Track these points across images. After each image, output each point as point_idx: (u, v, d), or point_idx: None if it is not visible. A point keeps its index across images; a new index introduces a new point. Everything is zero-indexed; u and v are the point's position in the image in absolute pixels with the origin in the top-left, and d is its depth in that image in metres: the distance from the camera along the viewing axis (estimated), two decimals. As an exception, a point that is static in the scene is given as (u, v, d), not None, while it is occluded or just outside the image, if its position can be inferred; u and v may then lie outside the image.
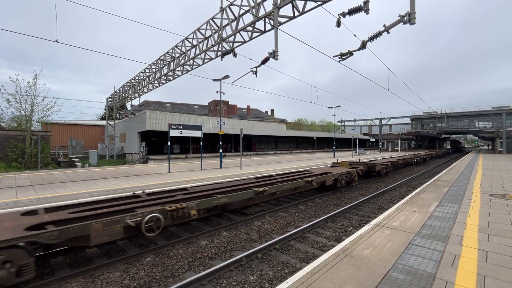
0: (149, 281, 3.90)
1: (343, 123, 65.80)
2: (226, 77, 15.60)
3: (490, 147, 55.59)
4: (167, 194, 6.37)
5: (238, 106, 54.77)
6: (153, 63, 19.03)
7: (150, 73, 20.28)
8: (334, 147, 34.30)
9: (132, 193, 6.49)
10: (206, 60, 14.67)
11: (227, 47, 12.27)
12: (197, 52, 14.40)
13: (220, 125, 17.97)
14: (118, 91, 28.01)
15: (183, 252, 4.89)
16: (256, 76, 11.53)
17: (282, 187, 7.75)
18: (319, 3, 8.98)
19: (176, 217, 5.16)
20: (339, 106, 31.54)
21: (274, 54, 10.03)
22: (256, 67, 11.27)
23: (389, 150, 53.99)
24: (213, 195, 6.29)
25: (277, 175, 10.02)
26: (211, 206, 6.02)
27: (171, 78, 18.71)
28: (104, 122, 35.11)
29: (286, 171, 12.16)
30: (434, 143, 71.26)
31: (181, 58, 16.11)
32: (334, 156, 30.67)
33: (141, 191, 6.70)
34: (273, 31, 10.35)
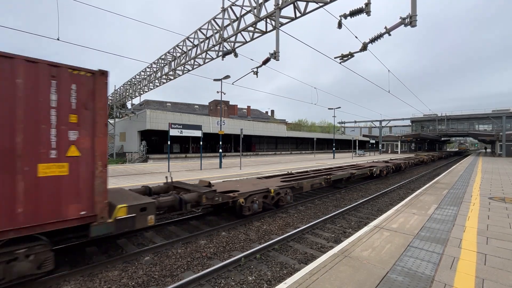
0: (147, 280, 3.90)
1: (343, 125, 65.81)
2: (227, 77, 15.60)
3: (487, 150, 55.53)
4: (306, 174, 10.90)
5: (238, 106, 54.82)
6: (154, 62, 19.04)
7: (151, 72, 20.29)
8: (334, 149, 34.31)
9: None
10: (207, 60, 14.68)
11: (228, 47, 12.28)
12: (198, 51, 14.40)
13: (220, 125, 17.97)
14: (118, 89, 28.02)
15: (181, 252, 4.88)
16: (257, 77, 11.54)
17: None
18: (321, 4, 8.99)
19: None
20: (339, 107, 31.50)
21: (275, 55, 10.03)
22: (257, 68, 11.27)
23: (389, 152, 53.96)
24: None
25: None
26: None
27: (172, 78, 18.71)
28: (104, 121, 35.05)
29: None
30: (434, 145, 71.26)
31: (182, 57, 16.12)
32: (333, 157, 30.67)
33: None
34: (274, 31, 10.36)
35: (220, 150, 17.92)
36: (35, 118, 3.23)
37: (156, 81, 20.09)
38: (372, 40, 9.02)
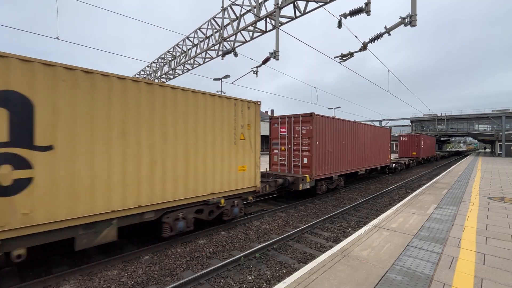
0: (146, 279, 3.90)
1: (343, 124, 65.58)
2: (227, 76, 15.60)
3: (486, 150, 55.48)
4: None
5: (238, 106, 54.66)
6: (154, 62, 19.07)
7: (150, 72, 20.30)
8: (333, 148, 34.27)
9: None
10: (207, 60, 14.67)
11: (228, 47, 12.27)
12: (198, 51, 14.40)
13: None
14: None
15: (181, 251, 4.89)
16: (257, 76, 11.54)
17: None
18: (321, 4, 8.97)
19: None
20: (339, 107, 31.54)
21: (275, 54, 10.02)
22: (257, 67, 11.27)
23: (389, 151, 53.89)
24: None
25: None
26: None
27: (172, 77, 18.70)
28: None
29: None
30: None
31: (181, 57, 16.11)
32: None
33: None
34: (274, 31, 10.35)
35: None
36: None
37: (156, 80, 20.09)
38: (372, 40, 9.00)
